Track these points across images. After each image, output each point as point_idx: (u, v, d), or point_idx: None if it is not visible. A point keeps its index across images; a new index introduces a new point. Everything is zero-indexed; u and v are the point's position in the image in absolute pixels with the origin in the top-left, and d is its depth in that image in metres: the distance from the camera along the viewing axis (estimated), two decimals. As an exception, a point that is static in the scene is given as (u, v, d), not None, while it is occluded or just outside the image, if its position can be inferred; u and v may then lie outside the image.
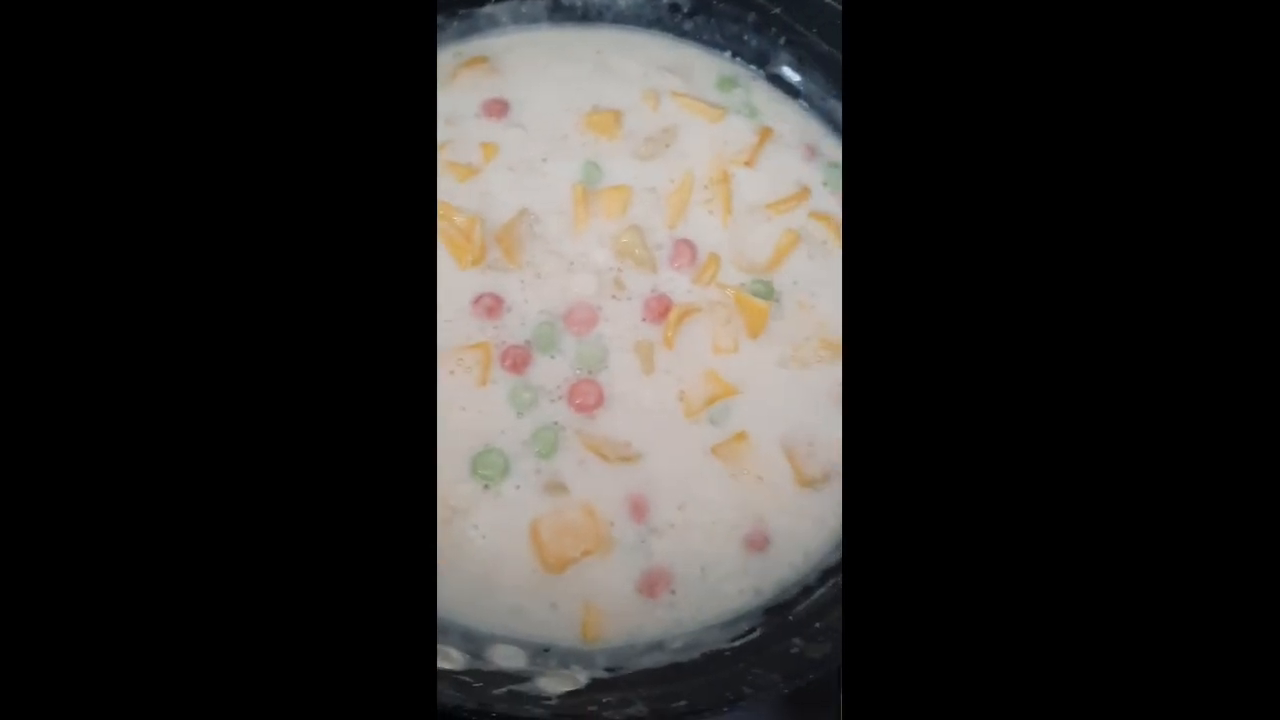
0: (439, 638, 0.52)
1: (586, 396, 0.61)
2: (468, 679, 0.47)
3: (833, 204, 0.71)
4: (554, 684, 0.48)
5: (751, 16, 0.73)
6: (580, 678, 0.49)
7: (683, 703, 0.45)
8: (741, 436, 0.61)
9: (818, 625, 0.52)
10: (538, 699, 0.46)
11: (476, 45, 0.73)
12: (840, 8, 0.69)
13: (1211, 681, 0.30)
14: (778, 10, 0.72)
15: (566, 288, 0.64)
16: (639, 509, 0.58)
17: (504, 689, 0.46)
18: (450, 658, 0.49)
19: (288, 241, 0.32)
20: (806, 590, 0.57)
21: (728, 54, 0.75)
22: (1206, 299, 0.32)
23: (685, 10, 0.74)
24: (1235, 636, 0.30)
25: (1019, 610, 0.31)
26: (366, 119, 0.33)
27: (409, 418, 0.33)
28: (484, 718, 0.43)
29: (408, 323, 0.33)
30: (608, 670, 0.51)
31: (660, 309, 0.64)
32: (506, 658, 0.51)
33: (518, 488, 0.58)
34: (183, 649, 0.30)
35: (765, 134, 0.72)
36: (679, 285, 0.66)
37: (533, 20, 0.75)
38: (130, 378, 0.31)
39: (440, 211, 0.65)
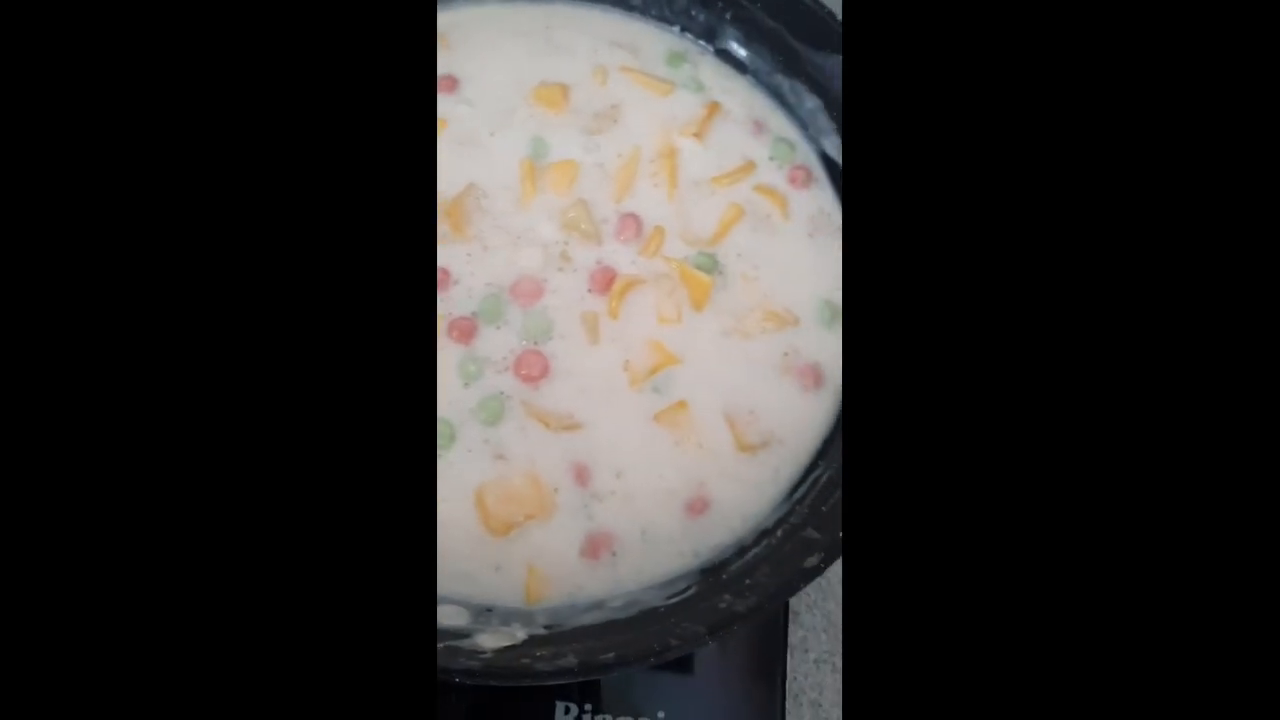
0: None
1: (532, 368, 0.62)
2: (407, 636, 0.49)
3: (778, 178, 0.72)
4: (492, 640, 0.50)
5: (699, -9, 0.73)
6: (519, 634, 0.51)
7: (611, 655, 0.47)
8: (683, 405, 0.63)
9: (748, 582, 0.54)
10: (473, 653, 0.48)
11: (426, 20, 0.74)
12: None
13: (1211, 682, 0.31)
14: (723, -15, 0.73)
15: (513, 261, 0.65)
16: (582, 475, 0.60)
17: (442, 645, 0.48)
18: (391, 617, 0.51)
19: (286, 228, 0.33)
20: (741, 550, 0.59)
21: (676, 29, 0.76)
22: (1205, 298, 0.32)
23: (634, -15, 0.75)
24: (1235, 636, 0.31)
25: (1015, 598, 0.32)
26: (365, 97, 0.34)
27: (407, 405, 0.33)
28: (419, 671, 0.44)
29: (406, 305, 0.33)
30: (546, 628, 0.53)
31: (605, 280, 0.65)
32: (449, 616, 0.53)
33: (469, 451, 0.59)
34: (180, 640, 0.31)
35: (713, 109, 0.73)
36: (624, 257, 0.67)
37: (482, -4, 0.75)
38: (129, 372, 0.32)
39: (388, 186, 0.66)
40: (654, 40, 0.76)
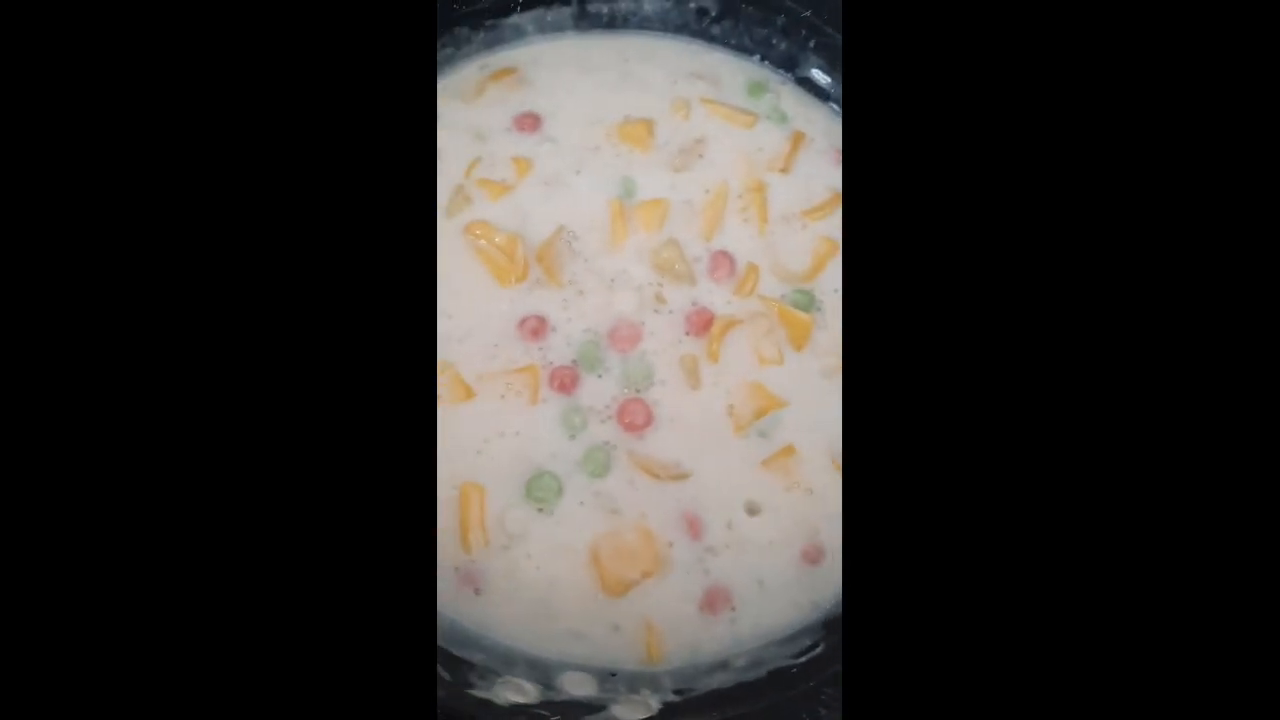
0: (505, 669, 0.52)
1: (635, 416, 0.60)
2: (544, 713, 0.47)
3: (867, 208, 0.70)
4: (628, 711, 0.49)
5: (780, 19, 0.72)
6: (652, 703, 0.50)
7: (759, 727, 0.46)
8: (790, 450, 0.61)
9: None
10: (615, 729, 0.47)
11: (503, 57, 0.72)
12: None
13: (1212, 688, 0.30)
14: (807, 13, 0.71)
15: (608, 305, 0.64)
16: (694, 527, 0.58)
17: (580, 720, 0.47)
18: (524, 691, 0.49)
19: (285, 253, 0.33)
20: (865, 603, 0.57)
21: (756, 58, 0.74)
22: (1208, 301, 0.32)
23: (713, 14, 0.73)
24: (1235, 639, 0.31)
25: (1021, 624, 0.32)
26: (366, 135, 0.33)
27: (407, 441, 0.33)
28: (568, 753, 0.43)
29: (408, 339, 0.33)
30: (676, 693, 0.52)
31: (702, 322, 0.64)
32: (576, 685, 0.52)
33: (580, 504, 0.58)
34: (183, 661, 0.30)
35: (798, 139, 0.72)
36: (719, 297, 0.65)
37: (558, 29, 0.74)
38: (134, 387, 0.31)
39: (478, 231, 0.65)
40: (734, 70, 0.74)
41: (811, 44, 0.72)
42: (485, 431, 0.59)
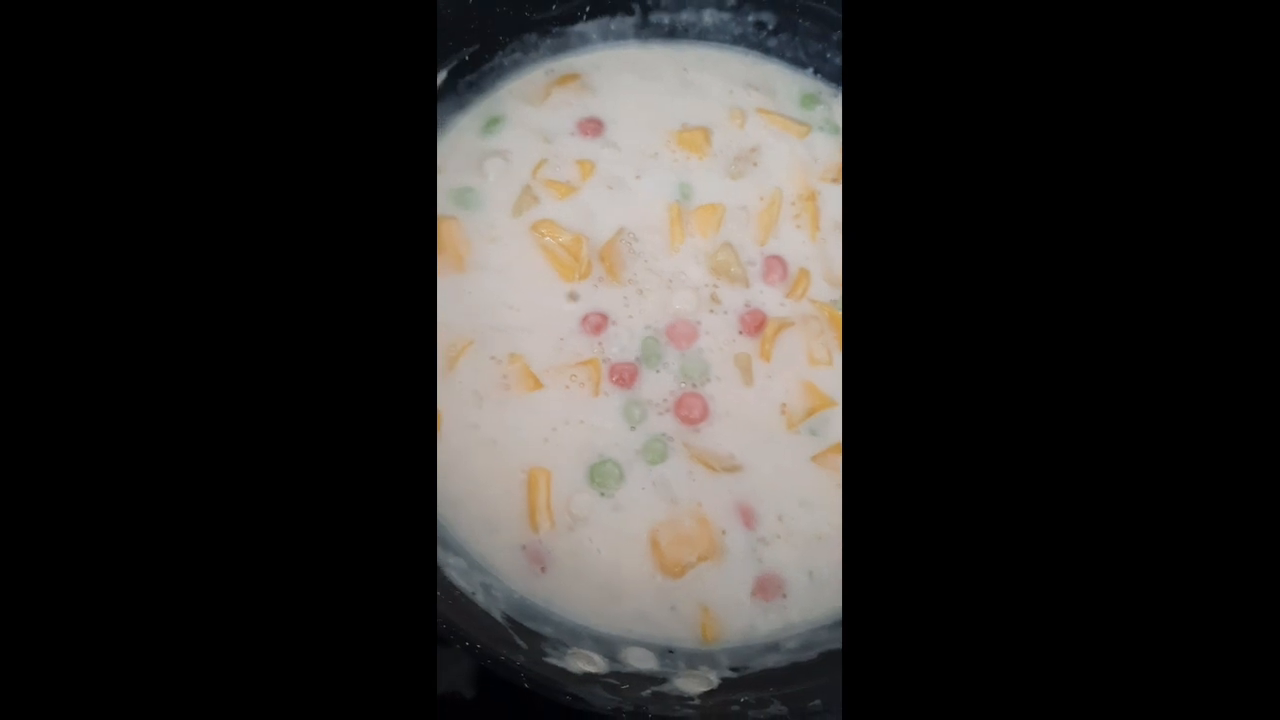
0: (573, 642, 0.55)
1: (692, 410, 0.64)
2: (614, 681, 0.50)
3: (913, 219, 0.73)
4: (690, 684, 0.52)
5: (836, 35, 0.75)
6: (711, 677, 0.53)
7: (818, 702, 0.49)
8: (839, 447, 0.64)
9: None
10: (681, 699, 0.50)
11: (567, 63, 0.75)
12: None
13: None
14: (861, 29, 0.74)
15: (666, 304, 0.67)
16: (747, 517, 0.61)
17: (648, 690, 0.50)
18: (594, 662, 0.53)
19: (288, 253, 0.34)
20: (909, 593, 0.60)
21: (809, 71, 0.77)
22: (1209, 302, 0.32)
23: (770, 28, 0.76)
24: (1235, 641, 0.31)
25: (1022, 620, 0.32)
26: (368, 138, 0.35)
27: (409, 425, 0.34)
28: (641, 719, 0.46)
29: (408, 337, 0.35)
30: (733, 670, 0.55)
31: (755, 323, 0.67)
32: (639, 659, 0.55)
33: (642, 490, 0.61)
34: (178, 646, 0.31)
35: (847, 150, 0.75)
36: (771, 299, 0.68)
37: (621, 37, 0.77)
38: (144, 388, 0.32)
39: (545, 230, 0.68)
40: (787, 82, 0.77)
41: (864, 59, 0.75)
42: (553, 420, 0.62)
